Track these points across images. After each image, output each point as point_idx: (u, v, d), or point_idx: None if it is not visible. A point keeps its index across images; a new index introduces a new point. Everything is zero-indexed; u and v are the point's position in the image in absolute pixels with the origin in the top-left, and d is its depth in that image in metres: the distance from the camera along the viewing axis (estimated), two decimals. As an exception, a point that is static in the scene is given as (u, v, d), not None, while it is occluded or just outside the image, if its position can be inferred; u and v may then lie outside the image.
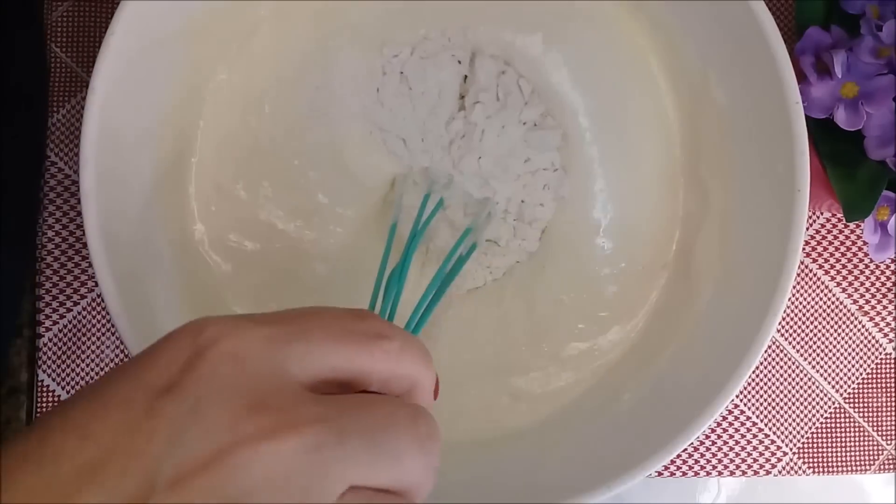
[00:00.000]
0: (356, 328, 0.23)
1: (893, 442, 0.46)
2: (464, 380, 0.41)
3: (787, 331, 0.46)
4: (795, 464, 0.46)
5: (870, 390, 0.46)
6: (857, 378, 0.46)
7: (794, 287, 0.44)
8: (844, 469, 0.46)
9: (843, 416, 0.46)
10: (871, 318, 0.46)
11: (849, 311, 0.46)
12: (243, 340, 0.21)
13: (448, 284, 0.34)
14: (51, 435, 0.20)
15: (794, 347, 0.46)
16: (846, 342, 0.46)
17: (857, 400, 0.46)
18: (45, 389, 0.43)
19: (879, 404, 0.46)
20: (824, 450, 0.46)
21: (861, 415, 0.46)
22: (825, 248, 0.46)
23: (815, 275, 0.46)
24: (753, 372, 0.38)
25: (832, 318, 0.46)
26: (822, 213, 0.46)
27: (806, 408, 0.46)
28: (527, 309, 0.41)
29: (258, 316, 0.23)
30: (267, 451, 0.19)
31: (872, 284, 0.46)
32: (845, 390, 0.46)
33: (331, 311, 0.23)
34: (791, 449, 0.46)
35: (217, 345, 0.21)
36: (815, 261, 0.46)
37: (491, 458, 0.39)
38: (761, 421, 0.46)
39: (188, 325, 0.22)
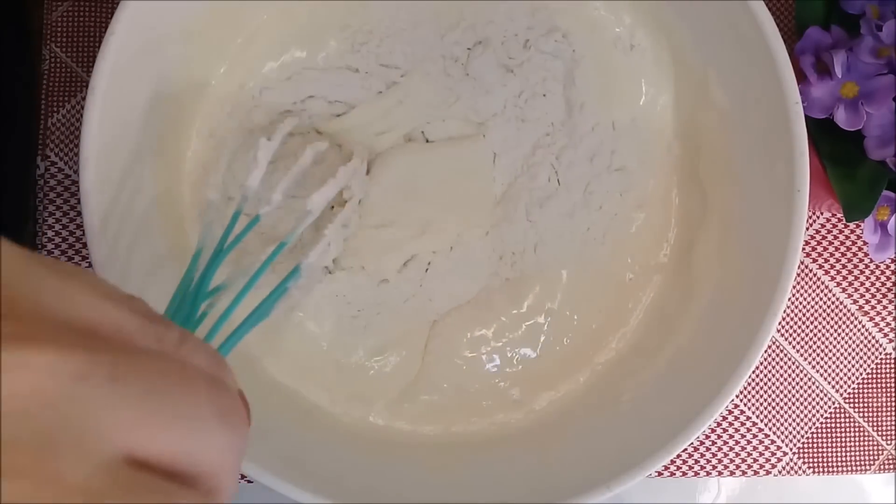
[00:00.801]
0: (126, 300, 0.18)
1: (893, 442, 0.46)
2: (463, 379, 0.41)
3: (787, 331, 0.46)
4: (795, 464, 0.46)
5: (870, 390, 0.46)
6: (858, 378, 0.46)
7: (794, 287, 0.44)
8: (844, 469, 0.46)
9: (843, 416, 0.46)
10: (871, 318, 0.46)
11: (849, 311, 0.46)
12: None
13: (265, 309, 0.31)
14: None
15: (794, 347, 0.46)
16: (846, 342, 0.46)
17: (857, 400, 0.46)
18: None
19: (879, 404, 0.46)
20: (824, 450, 0.46)
21: (861, 415, 0.46)
22: (825, 248, 0.46)
23: (815, 275, 0.46)
24: (753, 372, 0.38)
25: (832, 318, 0.46)
26: (822, 213, 0.46)
27: (806, 408, 0.46)
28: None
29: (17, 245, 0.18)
30: (11, 362, 0.15)
31: (872, 284, 0.46)
32: (845, 390, 0.46)
33: (100, 276, 0.19)
34: (791, 449, 0.46)
35: None
36: (815, 261, 0.46)
37: (491, 458, 0.39)
38: (761, 421, 0.46)
39: None
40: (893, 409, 0.46)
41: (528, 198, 0.41)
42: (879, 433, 0.46)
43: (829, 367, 0.46)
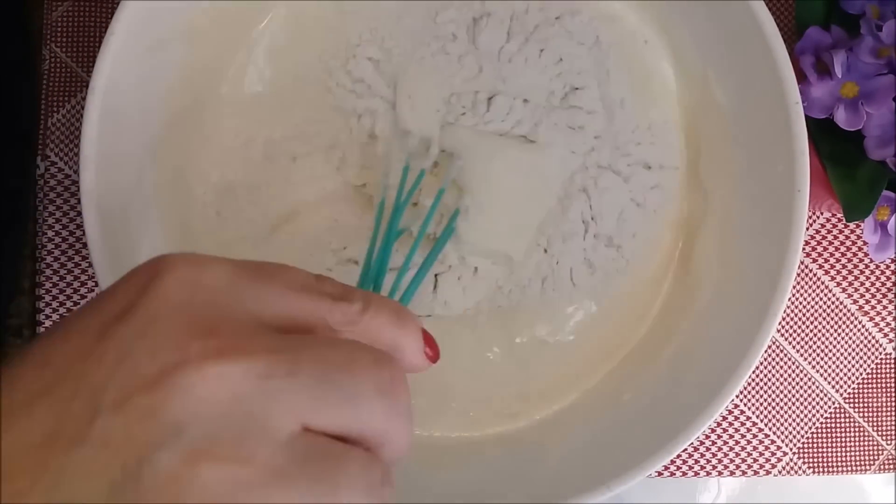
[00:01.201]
0: (316, 286, 0.23)
1: (893, 442, 0.46)
2: (463, 379, 0.41)
3: (787, 331, 0.46)
4: (795, 464, 0.46)
5: (870, 390, 0.46)
6: (858, 378, 0.46)
7: (794, 287, 0.44)
8: (844, 469, 0.46)
9: (843, 416, 0.46)
10: (871, 318, 0.46)
11: (849, 311, 0.46)
12: (204, 269, 0.21)
13: (436, 253, 0.35)
14: (14, 367, 0.20)
15: (794, 347, 0.46)
16: (846, 342, 0.46)
17: (857, 400, 0.46)
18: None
19: (879, 404, 0.46)
20: (824, 450, 0.46)
21: (861, 415, 0.46)
22: (825, 248, 0.46)
23: (815, 275, 0.46)
24: (753, 372, 0.38)
25: (832, 318, 0.46)
26: (822, 213, 0.46)
27: (806, 408, 0.46)
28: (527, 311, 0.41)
29: (224, 258, 0.22)
30: (212, 373, 0.19)
31: (872, 284, 0.46)
32: (845, 390, 0.46)
33: (293, 268, 0.23)
34: (791, 449, 0.46)
35: (175, 270, 0.21)
36: (815, 261, 0.46)
37: (491, 459, 0.39)
38: (761, 421, 0.46)
39: (152, 259, 0.22)
40: (893, 409, 0.46)
41: (552, 230, 0.40)
42: (879, 433, 0.46)
43: (829, 367, 0.46)
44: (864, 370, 0.46)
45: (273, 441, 0.19)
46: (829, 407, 0.46)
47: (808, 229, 0.46)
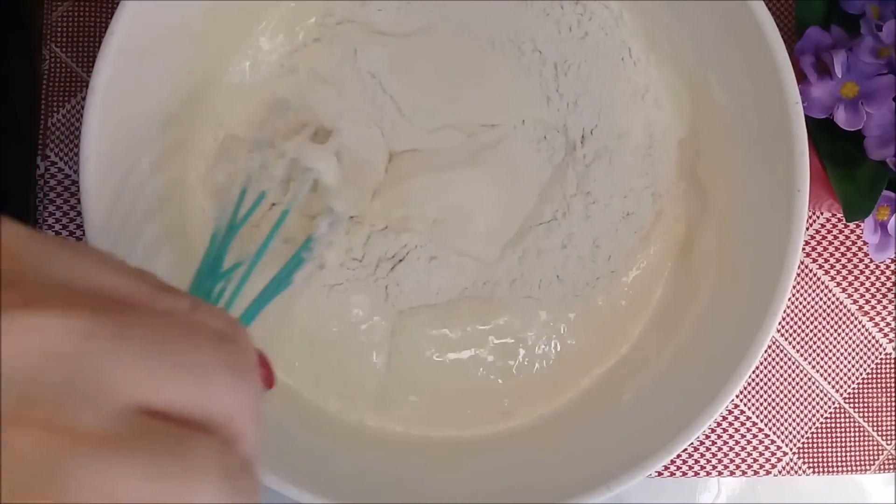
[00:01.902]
0: (137, 272, 0.19)
1: (893, 442, 0.46)
2: (463, 380, 0.41)
3: (787, 331, 0.46)
4: (795, 464, 0.46)
5: (870, 390, 0.46)
6: (858, 378, 0.46)
7: (794, 287, 0.44)
8: (844, 469, 0.46)
9: (843, 416, 0.46)
10: (871, 318, 0.46)
11: (849, 311, 0.46)
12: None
13: (283, 278, 0.32)
14: None
15: (794, 347, 0.46)
16: (846, 342, 0.46)
17: (857, 400, 0.46)
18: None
19: (879, 404, 0.46)
20: (824, 450, 0.46)
21: (861, 415, 0.46)
22: (825, 248, 0.46)
23: (815, 275, 0.46)
24: (753, 372, 0.38)
25: (832, 318, 0.46)
26: (822, 213, 0.46)
27: (806, 408, 0.46)
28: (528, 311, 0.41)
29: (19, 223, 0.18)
30: (25, 323, 0.16)
31: (872, 284, 0.46)
32: (845, 390, 0.46)
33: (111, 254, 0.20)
34: (791, 449, 0.46)
35: None
36: (815, 261, 0.46)
37: (490, 459, 0.39)
38: (761, 421, 0.46)
39: None
40: (893, 409, 0.46)
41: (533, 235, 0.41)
42: (879, 433, 0.46)
43: (830, 367, 0.46)
44: (865, 370, 0.46)
45: (100, 409, 0.16)
46: (830, 407, 0.46)
47: (808, 229, 0.46)
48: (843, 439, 0.46)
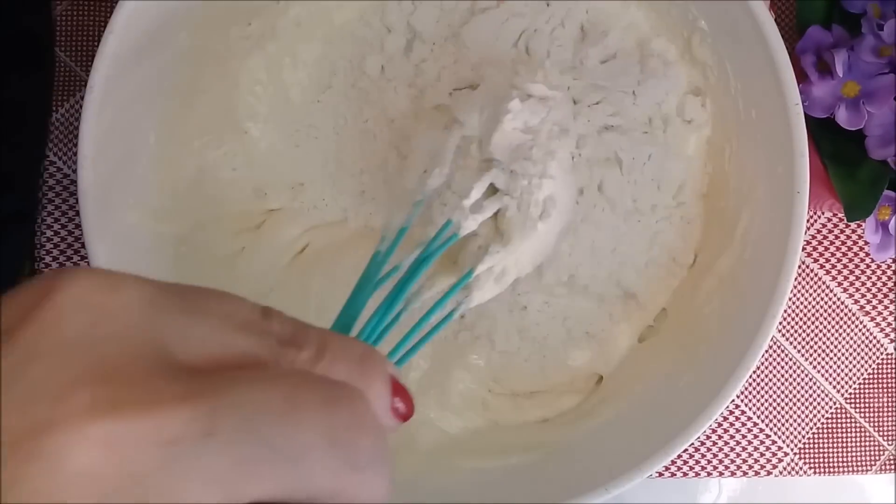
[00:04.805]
0: (261, 323, 0.18)
1: (894, 442, 0.46)
2: (463, 380, 0.41)
3: (787, 331, 0.46)
4: (796, 464, 0.46)
5: (871, 390, 0.46)
6: (858, 378, 0.46)
7: (794, 287, 0.44)
8: (845, 469, 0.46)
9: (844, 416, 0.46)
10: (872, 318, 0.46)
11: (850, 310, 0.46)
12: (114, 292, 0.16)
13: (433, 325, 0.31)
14: None
15: (794, 347, 0.46)
16: (847, 342, 0.46)
17: (858, 400, 0.46)
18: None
19: (880, 404, 0.46)
20: (825, 450, 0.46)
21: (862, 415, 0.46)
22: (826, 248, 0.46)
23: (815, 275, 0.46)
24: (753, 372, 0.37)
25: (833, 318, 0.46)
26: (823, 213, 0.46)
27: (807, 408, 0.46)
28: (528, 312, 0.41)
29: (146, 278, 0.17)
30: (96, 436, 0.14)
31: (874, 284, 0.46)
32: (846, 390, 0.46)
33: (234, 297, 0.18)
34: (792, 449, 0.46)
35: (74, 289, 0.15)
36: (815, 260, 0.46)
37: (490, 459, 0.39)
38: (762, 421, 0.45)
39: (50, 271, 0.17)
40: (894, 409, 0.46)
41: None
42: (880, 433, 0.46)
43: (830, 367, 0.46)
44: (865, 370, 0.46)
45: None
46: (830, 407, 0.46)
47: (808, 229, 0.46)
48: (844, 440, 0.46)
